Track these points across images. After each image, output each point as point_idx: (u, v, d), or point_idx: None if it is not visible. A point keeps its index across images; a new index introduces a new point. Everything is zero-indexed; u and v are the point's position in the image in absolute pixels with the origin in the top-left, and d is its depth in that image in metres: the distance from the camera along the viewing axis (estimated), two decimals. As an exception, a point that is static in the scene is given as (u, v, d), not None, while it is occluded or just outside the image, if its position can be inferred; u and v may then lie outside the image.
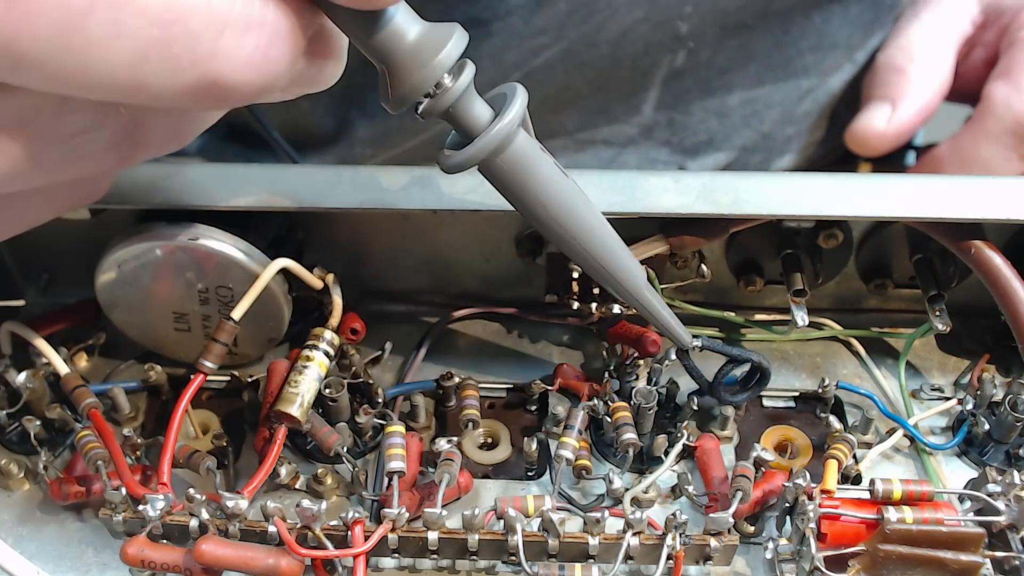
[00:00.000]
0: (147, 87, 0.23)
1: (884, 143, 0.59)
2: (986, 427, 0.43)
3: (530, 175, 0.33)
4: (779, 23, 0.59)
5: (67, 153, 0.26)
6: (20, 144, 0.24)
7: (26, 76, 0.22)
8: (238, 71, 0.24)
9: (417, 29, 0.28)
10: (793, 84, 0.63)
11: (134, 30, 0.22)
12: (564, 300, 0.46)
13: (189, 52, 0.23)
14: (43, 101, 0.24)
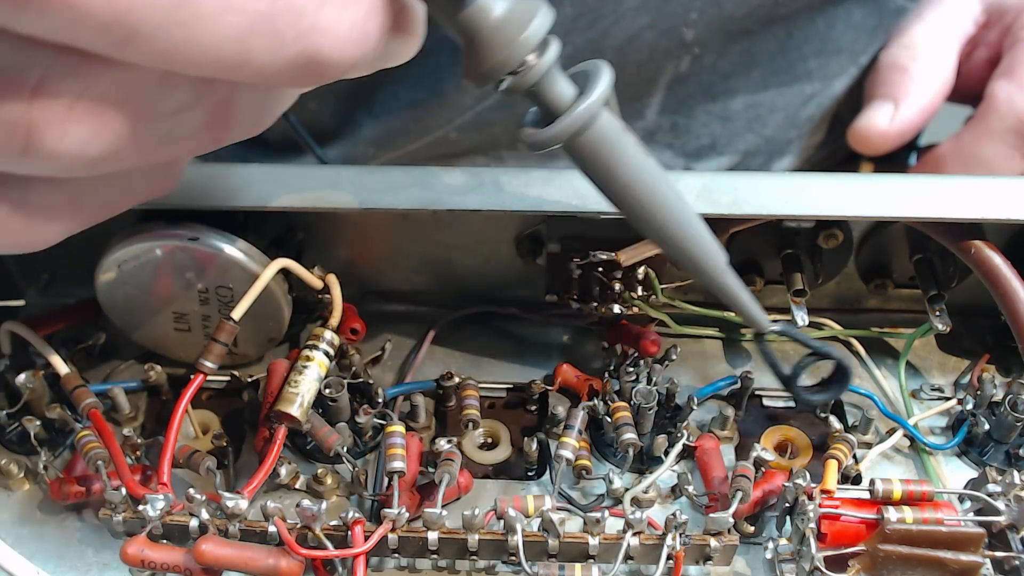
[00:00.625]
0: (250, 62, 0.23)
1: (886, 142, 0.59)
2: (986, 427, 0.43)
3: (614, 154, 0.32)
4: (783, 28, 0.59)
5: (163, 133, 0.26)
6: (122, 120, 0.24)
7: (135, 50, 0.22)
8: (336, 46, 0.24)
9: (503, 4, 0.27)
10: (797, 89, 0.63)
11: (242, 3, 0.22)
12: (564, 300, 0.46)
13: (292, 26, 0.23)
14: (145, 77, 0.24)
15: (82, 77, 0.23)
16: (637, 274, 0.44)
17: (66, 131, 0.23)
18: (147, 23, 0.21)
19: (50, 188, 0.27)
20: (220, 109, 0.26)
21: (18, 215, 0.27)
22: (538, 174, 0.41)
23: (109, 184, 0.29)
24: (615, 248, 0.43)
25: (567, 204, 0.40)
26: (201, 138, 0.27)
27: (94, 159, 0.24)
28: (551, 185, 0.41)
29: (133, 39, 0.21)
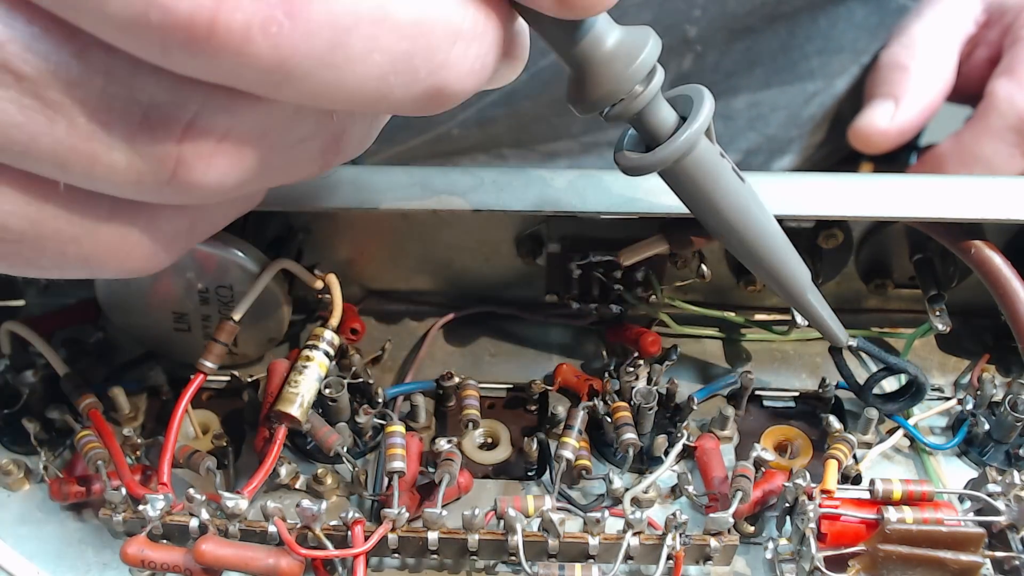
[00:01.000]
0: (387, 98, 0.24)
1: (887, 140, 0.59)
2: (986, 427, 0.43)
3: (709, 181, 0.33)
4: (785, 27, 0.59)
5: (287, 162, 0.27)
6: (258, 153, 0.25)
7: (287, 90, 0.22)
8: (461, 79, 0.24)
9: (615, 34, 0.28)
10: (799, 87, 0.63)
11: (388, 44, 0.22)
12: (564, 300, 0.46)
13: (427, 63, 0.23)
14: (282, 112, 0.24)
15: (231, 114, 0.23)
16: (637, 274, 0.44)
17: (211, 164, 0.24)
18: (303, 66, 0.22)
19: (176, 214, 0.28)
20: (335, 137, 0.27)
21: (146, 241, 0.28)
22: (538, 174, 0.41)
23: (219, 207, 0.30)
24: (615, 248, 0.43)
25: (567, 204, 0.40)
26: (316, 164, 0.28)
27: (228, 189, 0.25)
28: (551, 185, 0.41)
29: (289, 81, 0.22)
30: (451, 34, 0.24)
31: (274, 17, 0.21)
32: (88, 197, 0.25)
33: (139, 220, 0.27)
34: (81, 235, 0.26)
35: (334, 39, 0.22)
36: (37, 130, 0.22)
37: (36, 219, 0.25)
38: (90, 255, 0.27)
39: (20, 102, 0.22)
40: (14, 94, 0.22)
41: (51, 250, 0.26)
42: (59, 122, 0.22)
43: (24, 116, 0.22)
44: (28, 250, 0.26)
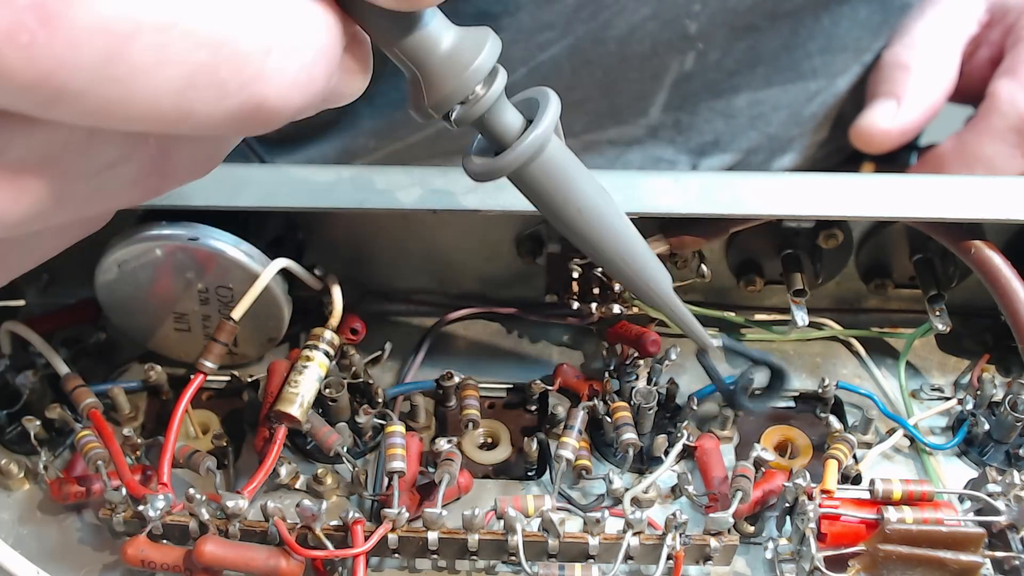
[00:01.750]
0: (191, 115, 0.21)
1: (889, 140, 0.58)
2: (986, 427, 0.43)
3: (559, 183, 0.32)
4: (788, 25, 0.59)
5: (93, 190, 0.24)
6: (45, 183, 0.22)
7: (63, 110, 0.20)
8: (283, 93, 0.22)
9: (452, 35, 0.27)
10: (801, 86, 0.63)
11: (181, 54, 0.20)
12: (564, 300, 0.46)
13: (236, 75, 0.21)
14: (71, 135, 0.22)
15: (1, 139, 0.21)
16: (637, 274, 0.44)
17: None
18: (75, 81, 0.19)
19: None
20: (156, 161, 0.25)
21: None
22: (538, 174, 0.41)
23: (37, 238, 0.27)
24: (615, 248, 0.43)
25: (567, 204, 0.40)
26: (136, 190, 0.25)
27: (15, 224, 0.22)
28: (551, 185, 0.41)
29: (60, 99, 0.19)
30: (262, 43, 0.21)
31: (24, 24, 0.18)
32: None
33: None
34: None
35: (109, 49, 0.19)
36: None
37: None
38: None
39: None
40: None
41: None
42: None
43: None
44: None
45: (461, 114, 0.29)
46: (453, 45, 0.27)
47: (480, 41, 0.28)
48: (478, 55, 0.27)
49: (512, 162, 0.31)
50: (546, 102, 0.31)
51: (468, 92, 0.28)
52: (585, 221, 0.33)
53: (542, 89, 0.32)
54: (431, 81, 0.28)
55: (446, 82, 0.28)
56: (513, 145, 0.31)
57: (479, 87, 0.28)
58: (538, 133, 0.30)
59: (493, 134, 0.31)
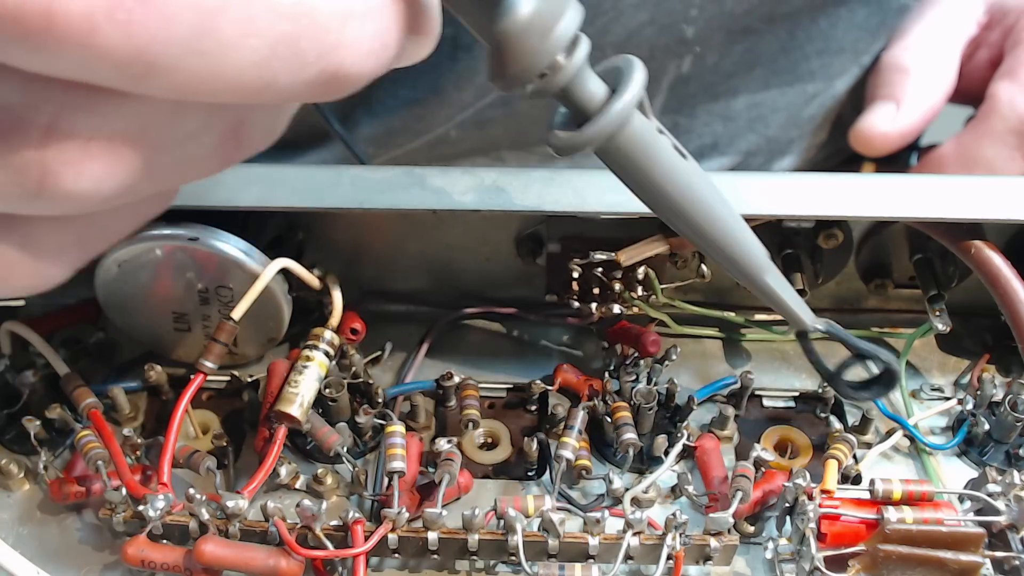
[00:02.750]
0: (272, 86, 0.22)
1: (888, 143, 0.59)
2: (986, 427, 0.43)
3: (648, 156, 0.31)
4: (785, 27, 0.59)
5: (176, 160, 0.24)
6: (136, 154, 0.23)
7: (154, 84, 0.20)
8: (359, 60, 0.23)
9: (531, 2, 0.26)
10: (799, 89, 0.63)
11: (265, 26, 0.20)
12: (564, 300, 0.46)
13: (316, 45, 0.21)
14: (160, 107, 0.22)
15: (96, 113, 0.21)
16: (637, 274, 0.44)
17: (82, 170, 0.22)
18: (167, 56, 0.20)
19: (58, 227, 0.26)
20: (232, 130, 0.25)
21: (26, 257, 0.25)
22: (538, 174, 0.41)
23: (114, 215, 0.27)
24: (615, 248, 0.43)
25: (567, 204, 0.40)
26: (214, 160, 0.26)
27: (109, 195, 0.23)
28: (551, 185, 0.41)
29: (152, 73, 0.20)
30: (340, 11, 0.21)
31: (121, 3, 0.19)
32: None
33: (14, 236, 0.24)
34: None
35: (200, 24, 0.19)
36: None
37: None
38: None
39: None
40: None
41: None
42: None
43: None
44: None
45: (542, 85, 0.28)
46: (532, 13, 0.26)
47: (559, 8, 0.26)
48: (559, 21, 0.26)
49: (598, 132, 0.29)
50: (631, 70, 0.29)
51: (550, 61, 0.27)
52: (673, 195, 0.32)
53: (626, 57, 0.30)
54: (509, 52, 0.26)
55: (525, 54, 0.26)
56: (598, 115, 0.29)
57: (561, 56, 0.27)
58: (624, 101, 0.29)
59: (576, 105, 0.29)
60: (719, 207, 0.33)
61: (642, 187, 0.32)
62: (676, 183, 0.32)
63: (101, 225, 0.27)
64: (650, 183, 0.31)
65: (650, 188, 0.32)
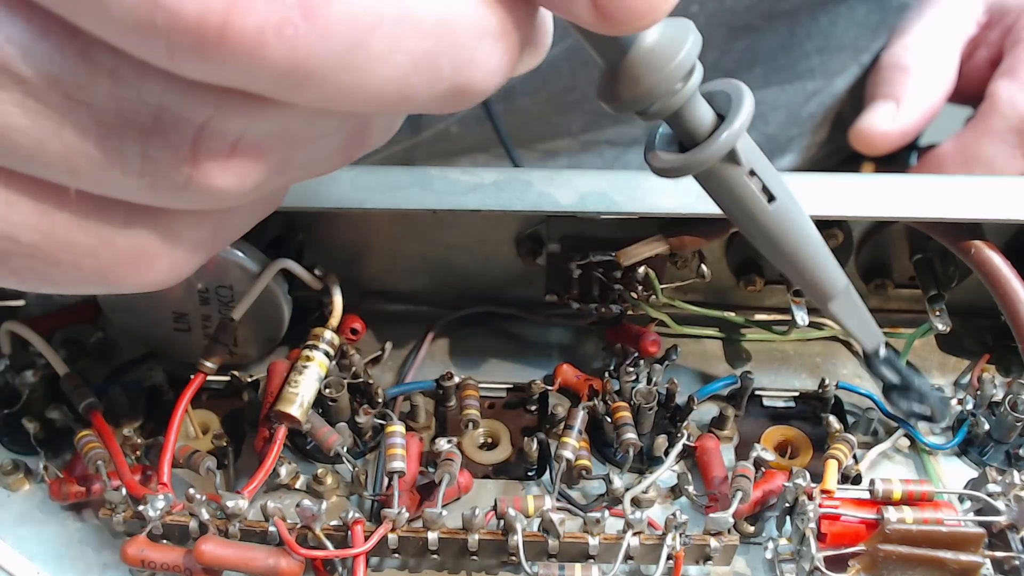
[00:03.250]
0: (408, 99, 0.23)
1: (888, 142, 0.59)
2: (986, 427, 0.43)
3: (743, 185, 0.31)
4: (785, 25, 0.59)
5: (306, 158, 0.25)
6: (274, 154, 0.24)
7: (303, 94, 0.21)
8: (486, 77, 0.23)
9: (656, 30, 0.26)
10: (799, 86, 0.63)
11: (410, 43, 0.21)
12: (564, 300, 0.46)
13: (451, 61, 0.22)
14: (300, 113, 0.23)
15: (246, 118, 0.22)
16: (637, 274, 0.44)
17: (228, 168, 0.23)
18: (320, 69, 0.21)
19: (197, 220, 0.27)
20: (358, 131, 0.26)
21: (166, 250, 0.26)
22: (538, 174, 0.41)
23: (242, 210, 0.29)
24: (615, 248, 0.43)
25: (567, 204, 0.40)
26: (338, 158, 0.27)
27: (247, 191, 0.24)
28: (551, 185, 0.41)
29: (305, 84, 0.21)
30: (477, 31, 0.22)
31: (290, 19, 0.20)
32: (102, 204, 0.24)
33: (158, 227, 0.26)
34: (97, 246, 0.25)
35: (354, 40, 0.20)
36: (43, 134, 0.21)
37: (48, 230, 0.24)
38: (107, 267, 0.25)
39: (23, 105, 0.21)
40: (17, 96, 0.21)
41: (66, 263, 0.25)
42: (65, 126, 0.21)
43: (28, 119, 0.21)
44: (41, 264, 0.25)
45: (656, 109, 0.28)
46: (657, 39, 0.26)
47: (682, 35, 0.27)
48: (681, 51, 0.26)
49: (706, 159, 0.29)
50: (740, 98, 0.30)
51: (669, 88, 0.27)
52: (770, 219, 0.32)
53: (734, 82, 0.31)
54: (631, 75, 0.27)
55: (647, 78, 0.26)
56: (707, 141, 0.29)
57: (678, 84, 0.27)
58: (734, 130, 0.29)
59: (684, 129, 0.29)
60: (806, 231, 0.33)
61: (737, 208, 0.32)
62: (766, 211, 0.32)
63: (232, 220, 0.29)
64: (746, 205, 0.32)
65: (746, 210, 0.32)
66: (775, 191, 0.32)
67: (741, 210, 0.32)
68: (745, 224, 0.32)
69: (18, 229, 0.24)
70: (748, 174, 0.31)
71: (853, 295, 0.36)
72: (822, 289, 0.35)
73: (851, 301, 0.36)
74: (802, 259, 0.34)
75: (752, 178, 0.31)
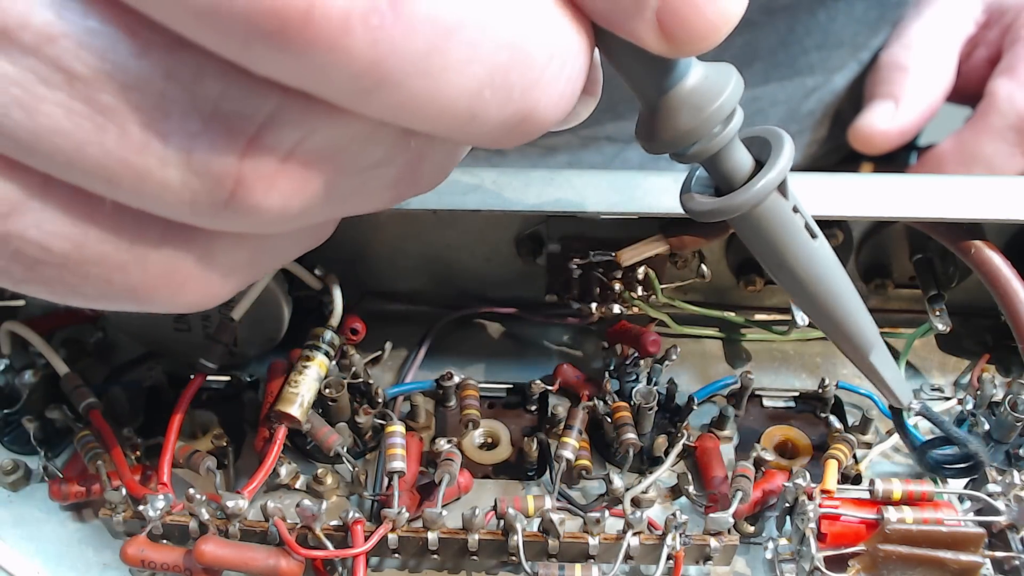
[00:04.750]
0: (477, 118, 0.21)
1: (887, 141, 0.59)
2: (986, 427, 0.43)
3: (779, 232, 0.30)
4: (784, 20, 0.59)
5: (355, 189, 0.24)
6: (323, 178, 0.23)
7: (374, 100, 0.20)
8: (551, 103, 0.22)
9: (699, 71, 0.26)
10: (798, 82, 0.63)
11: (488, 53, 0.20)
12: (564, 300, 0.46)
13: (521, 79, 0.21)
14: (358, 131, 0.22)
15: (303, 127, 0.21)
16: (637, 274, 0.44)
17: (273, 186, 0.22)
18: (398, 71, 0.19)
19: (234, 244, 0.26)
20: (411, 166, 0.25)
21: (200, 272, 0.25)
22: (538, 174, 0.41)
23: (283, 240, 0.28)
24: (615, 248, 0.43)
25: (567, 204, 0.40)
26: (387, 194, 0.26)
27: (290, 216, 0.23)
28: (551, 185, 0.41)
29: (379, 87, 0.20)
30: (549, 48, 0.21)
31: (377, 8, 0.18)
32: (138, 219, 0.23)
33: (194, 248, 0.25)
34: (129, 262, 0.24)
35: (435, 42, 0.19)
36: (84, 138, 0.20)
37: (80, 241, 0.23)
38: (138, 285, 0.24)
39: (68, 106, 0.20)
40: (63, 97, 0.20)
41: (96, 277, 0.24)
42: (109, 130, 0.20)
43: (71, 122, 0.20)
44: (71, 276, 0.24)
45: (695, 152, 0.27)
46: (698, 82, 0.26)
47: (724, 80, 0.26)
48: (722, 94, 0.26)
49: (742, 205, 0.29)
50: (779, 145, 0.29)
51: (709, 131, 0.27)
52: (800, 269, 0.32)
53: (773, 130, 0.30)
54: (669, 116, 0.26)
55: (685, 120, 0.26)
56: (744, 187, 0.29)
57: (718, 128, 0.27)
58: (770, 178, 0.29)
59: (721, 173, 0.29)
60: (839, 286, 0.33)
61: (769, 258, 0.32)
62: (803, 258, 0.31)
63: (271, 248, 0.27)
64: (777, 257, 0.31)
65: (776, 261, 0.32)
66: (815, 230, 0.31)
67: (784, 249, 0.31)
68: (786, 266, 0.32)
69: (50, 237, 0.23)
70: (793, 210, 0.30)
71: (885, 347, 0.36)
72: (863, 339, 0.34)
73: (886, 353, 0.36)
74: (843, 305, 0.33)
75: (796, 214, 0.31)
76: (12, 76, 0.19)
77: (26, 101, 0.20)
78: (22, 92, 0.19)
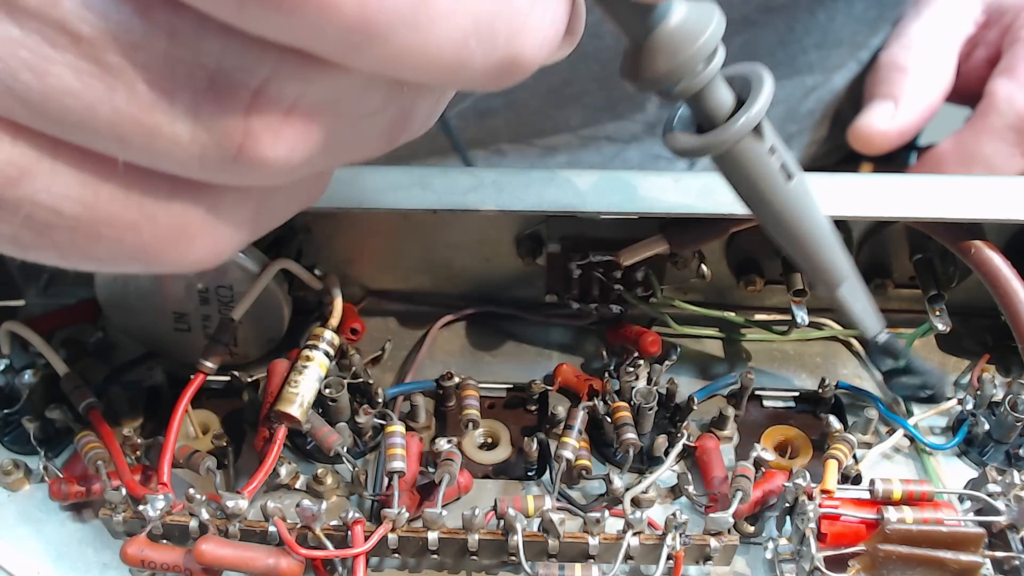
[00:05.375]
0: (464, 66, 0.22)
1: (887, 141, 0.59)
2: (986, 427, 0.43)
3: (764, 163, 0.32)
4: (783, 19, 0.59)
5: (352, 137, 0.25)
6: (324, 127, 0.23)
7: (364, 54, 0.21)
8: (536, 48, 0.23)
9: (682, 9, 0.26)
10: (797, 81, 0.63)
11: (471, 4, 0.21)
12: (564, 300, 0.46)
13: (507, 27, 0.22)
14: (353, 83, 0.23)
15: (302, 81, 0.22)
16: (637, 274, 0.44)
17: (279, 138, 0.23)
18: (386, 25, 0.20)
19: (241, 199, 0.26)
20: (404, 112, 0.26)
21: (208, 228, 0.26)
22: (538, 174, 0.41)
23: (285, 194, 0.28)
24: (615, 248, 0.43)
25: (567, 204, 0.40)
26: (381, 141, 0.26)
27: (294, 166, 0.24)
28: (551, 185, 0.41)
29: (368, 43, 0.20)
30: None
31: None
32: (147, 177, 0.24)
33: (201, 203, 0.25)
34: (140, 220, 0.24)
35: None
36: (94, 98, 0.21)
37: (92, 202, 0.23)
38: (149, 243, 0.25)
39: (77, 67, 0.20)
40: (70, 57, 0.20)
41: (107, 238, 0.24)
42: (118, 89, 0.21)
43: (81, 82, 0.20)
44: (82, 239, 0.24)
45: (679, 89, 0.28)
46: (682, 20, 0.26)
47: (707, 17, 0.27)
48: (705, 32, 0.27)
49: (725, 141, 0.30)
50: (760, 81, 0.30)
51: (692, 69, 0.27)
52: (789, 197, 0.33)
53: (755, 66, 0.31)
54: (654, 54, 0.27)
55: (670, 57, 0.27)
56: (727, 123, 0.30)
57: (701, 65, 0.27)
58: (753, 114, 0.29)
59: (704, 111, 0.30)
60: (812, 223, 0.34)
61: (750, 193, 0.33)
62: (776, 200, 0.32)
63: (273, 202, 0.28)
64: (759, 191, 0.32)
65: (757, 195, 0.33)
66: (792, 170, 0.32)
67: (759, 189, 0.32)
68: (761, 205, 0.33)
69: (61, 200, 0.23)
70: (769, 151, 0.31)
71: (859, 280, 0.37)
72: (832, 273, 0.36)
73: (858, 286, 0.37)
74: (815, 241, 0.34)
75: (772, 155, 0.31)
76: (19, 39, 0.20)
77: (35, 63, 0.20)
78: (30, 55, 0.20)
